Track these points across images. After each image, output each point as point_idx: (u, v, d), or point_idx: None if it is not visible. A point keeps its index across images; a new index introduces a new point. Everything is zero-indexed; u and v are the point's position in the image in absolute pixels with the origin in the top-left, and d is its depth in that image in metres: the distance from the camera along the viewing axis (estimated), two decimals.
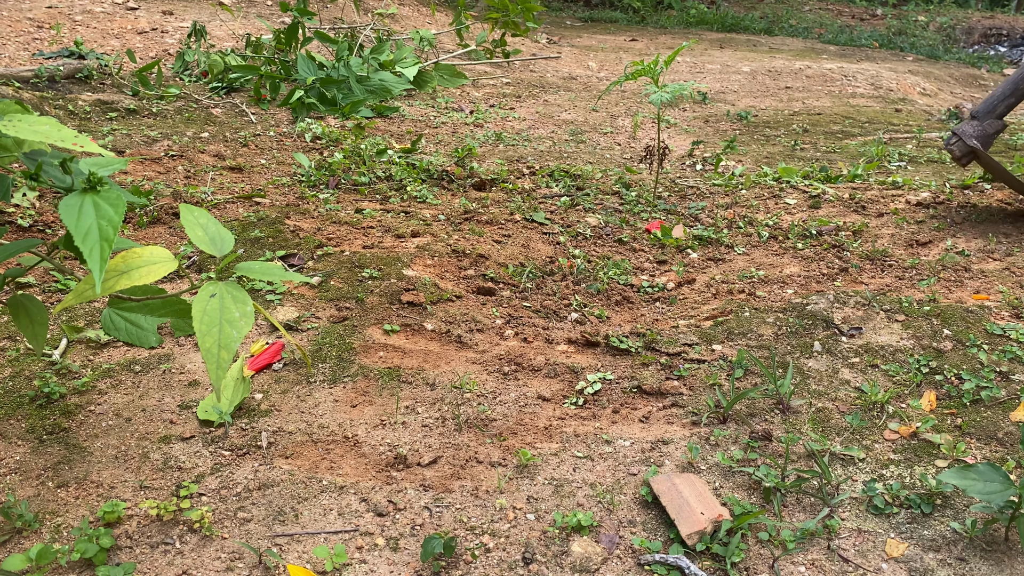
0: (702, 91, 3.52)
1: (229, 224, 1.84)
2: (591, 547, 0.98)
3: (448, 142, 2.90)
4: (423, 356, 1.38)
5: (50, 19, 3.93)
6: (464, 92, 3.79)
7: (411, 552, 0.97)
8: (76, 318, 1.44)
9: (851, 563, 0.97)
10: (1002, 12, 9.46)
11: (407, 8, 5.31)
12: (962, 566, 0.97)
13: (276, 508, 1.03)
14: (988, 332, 1.43)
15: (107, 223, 0.81)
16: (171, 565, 0.93)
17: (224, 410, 1.18)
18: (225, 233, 0.93)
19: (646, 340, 1.43)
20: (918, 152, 3.06)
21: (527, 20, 3.75)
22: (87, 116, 2.75)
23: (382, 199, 2.17)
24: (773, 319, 1.51)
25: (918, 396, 1.29)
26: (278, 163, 2.44)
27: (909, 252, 1.88)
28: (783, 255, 1.89)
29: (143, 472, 1.08)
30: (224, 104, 3.11)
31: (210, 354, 0.82)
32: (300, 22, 3.28)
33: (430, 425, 1.21)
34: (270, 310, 1.49)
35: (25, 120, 0.81)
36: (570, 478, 1.10)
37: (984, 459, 1.13)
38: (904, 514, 1.05)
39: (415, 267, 1.69)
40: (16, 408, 1.19)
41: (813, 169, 2.61)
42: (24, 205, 1.83)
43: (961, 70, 5.98)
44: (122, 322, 1.08)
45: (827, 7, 10.00)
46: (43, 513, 1.00)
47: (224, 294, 0.85)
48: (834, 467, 1.13)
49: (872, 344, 1.42)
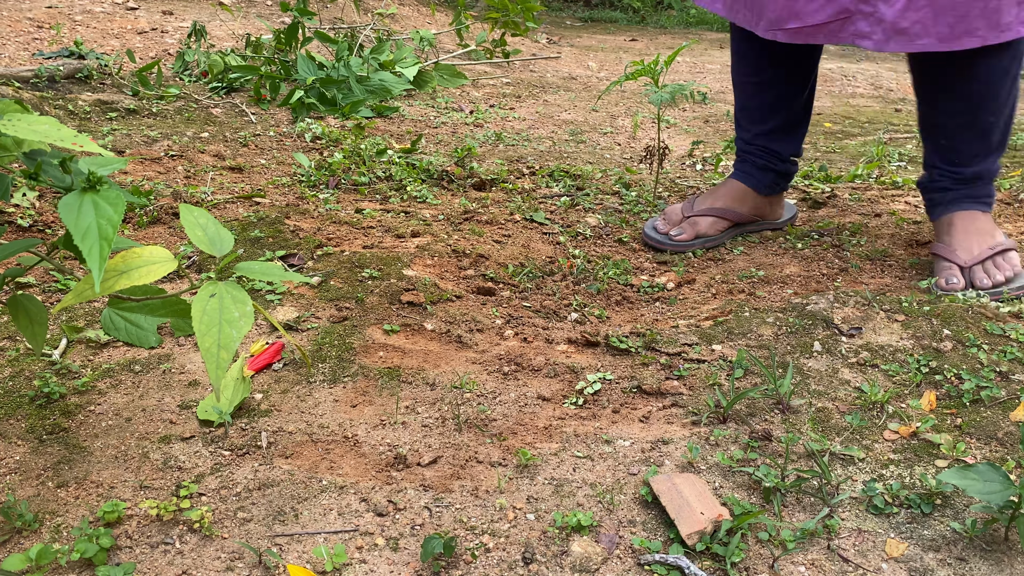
0: (702, 91, 3.52)
1: (229, 224, 1.85)
2: (591, 547, 0.98)
3: (448, 142, 2.90)
4: (423, 356, 1.38)
5: (50, 19, 3.93)
6: (464, 92, 3.79)
7: (411, 552, 0.97)
8: (76, 318, 1.44)
9: (851, 563, 0.97)
10: None
11: (407, 8, 5.31)
12: (962, 566, 0.97)
13: (276, 508, 1.03)
14: (988, 332, 1.43)
15: (107, 222, 0.82)
16: (171, 565, 0.93)
17: (224, 410, 1.18)
18: (225, 233, 0.93)
19: (646, 340, 1.43)
20: (918, 152, 3.06)
21: (527, 20, 3.75)
22: (87, 116, 2.75)
23: (382, 199, 2.17)
24: (773, 319, 1.51)
25: (918, 396, 1.29)
26: (278, 163, 2.44)
27: (909, 252, 1.88)
28: (783, 255, 1.89)
29: (143, 472, 1.08)
30: (224, 104, 3.11)
31: (210, 354, 0.82)
32: (300, 22, 3.28)
33: (430, 425, 1.21)
34: (270, 310, 1.49)
35: (25, 119, 0.81)
36: (570, 478, 1.10)
37: (984, 459, 1.13)
38: (904, 514, 1.05)
39: (415, 267, 1.69)
40: (16, 408, 1.19)
41: (813, 169, 2.61)
42: (24, 205, 1.83)
43: None
44: (122, 322, 1.08)
45: None
46: (43, 513, 1.00)
47: (224, 294, 0.85)
48: (834, 467, 1.13)
49: (872, 344, 1.42)
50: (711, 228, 1.91)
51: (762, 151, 1.89)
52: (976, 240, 1.66)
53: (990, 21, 1.44)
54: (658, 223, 1.93)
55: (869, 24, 1.48)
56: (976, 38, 1.45)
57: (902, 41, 1.47)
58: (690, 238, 1.89)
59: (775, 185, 1.92)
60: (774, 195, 1.95)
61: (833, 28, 1.52)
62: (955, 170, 1.69)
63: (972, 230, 1.68)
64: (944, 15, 1.43)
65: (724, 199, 1.92)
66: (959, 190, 1.71)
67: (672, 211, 1.95)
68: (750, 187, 1.91)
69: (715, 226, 1.92)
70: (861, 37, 1.51)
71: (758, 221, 1.98)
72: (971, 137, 1.65)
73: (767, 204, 1.96)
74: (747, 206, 1.93)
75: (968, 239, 1.67)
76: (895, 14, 1.45)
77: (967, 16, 1.43)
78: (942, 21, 1.43)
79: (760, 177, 1.91)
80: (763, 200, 1.94)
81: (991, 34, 1.45)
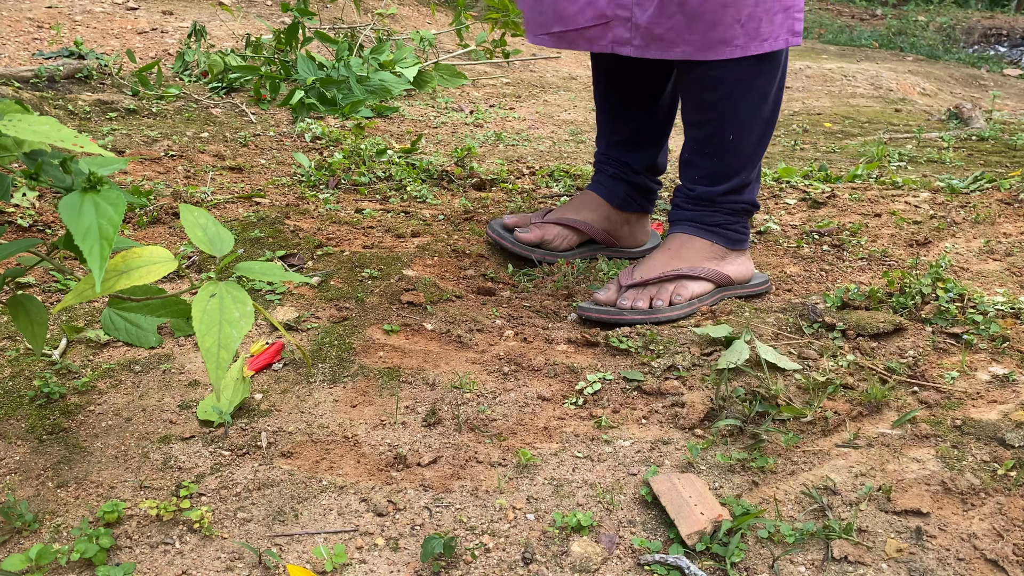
0: None
1: (229, 224, 1.85)
2: (591, 547, 0.98)
3: (448, 142, 2.90)
4: (423, 356, 1.38)
5: (50, 19, 3.93)
6: (464, 92, 3.79)
7: (411, 552, 0.97)
8: (76, 318, 1.44)
9: (851, 563, 0.97)
10: (1002, 12, 9.46)
11: (407, 8, 5.31)
12: (961, 565, 0.97)
13: (276, 508, 1.03)
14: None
15: (107, 222, 0.82)
16: (171, 565, 0.93)
17: (224, 410, 1.18)
18: (225, 233, 0.93)
19: (646, 340, 1.43)
20: (918, 152, 3.06)
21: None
22: (87, 116, 2.75)
23: (382, 199, 2.17)
24: (773, 319, 1.51)
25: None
26: (278, 163, 2.44)
27: (909, 252, 1.88)
28: (783, 255, 1.89)
29: (143, 472, 1.08)
30: (224, 104, 3.11)
31: (210, 353, 0.82)
32: (300, 22, 3.29)
33: (430, 425, 1.21)
34: (270, 310, 1.49)
35: (25, 120, 0.81)
36: (570, 478, 1.10)
37: (984, 458, 1.13)
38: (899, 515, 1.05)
39: (415, 267, 1.69)
40: (16, 408, 1.19)
41: (813, 169, 2.61)
42: (24, 205, 1.83)
43: (961, 70, 5.99)
44: (122, 322, 1.08)
45: (827, 7, 10.00)
46: (43, 513, 1.00)
47: (224, 294, 0.86)
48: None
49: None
50: (558, 238, 1.78)
51: (614, 162, 1.78)
52: (663, 262, 1.55)
53: (747, 31, 1.36)
54: (507, 218, 1.82)
55: (627, 30, 1.41)
56: (733, 48, 1.38)
57: (660, 48, 1.40)
58: (533, 240, 1.76)
59: (630, 199, 1.79)
60: (631, 212, 1.81)
61: (594, 34, 1.44)
62: (689, 187, 1.58)
63: (671, 253, 1.57)
64: (696, 23, 1.36)
65: (575, 209, 1.80)
66: (687, 210, 1.59)
67: (526, 215, 1.83)
68: (603, 197, 1.79)
69: (563, 238, 1.78)
70: (621, 44, 1.43)
71: (615, 246, 1.84)
72: (709, 154, 1.52)
73: (624, 223, 1.82)
74: (600, 219, 1.79)
75: (656, 259, 1.56)
76: (648, 19, 1.38)
77: (720, 24, 1.36)
78: (695, 29, 1.36)
79: (612, 187, 1.78)
80: (619, 217, 1.80)
81: (750, 44, 1.37)
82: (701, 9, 1.35)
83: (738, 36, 1.37)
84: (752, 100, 1.46)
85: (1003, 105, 4.66)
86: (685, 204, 1.59)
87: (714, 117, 1.49)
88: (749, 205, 1.58)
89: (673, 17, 1.36)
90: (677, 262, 1.55)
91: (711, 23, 1.36)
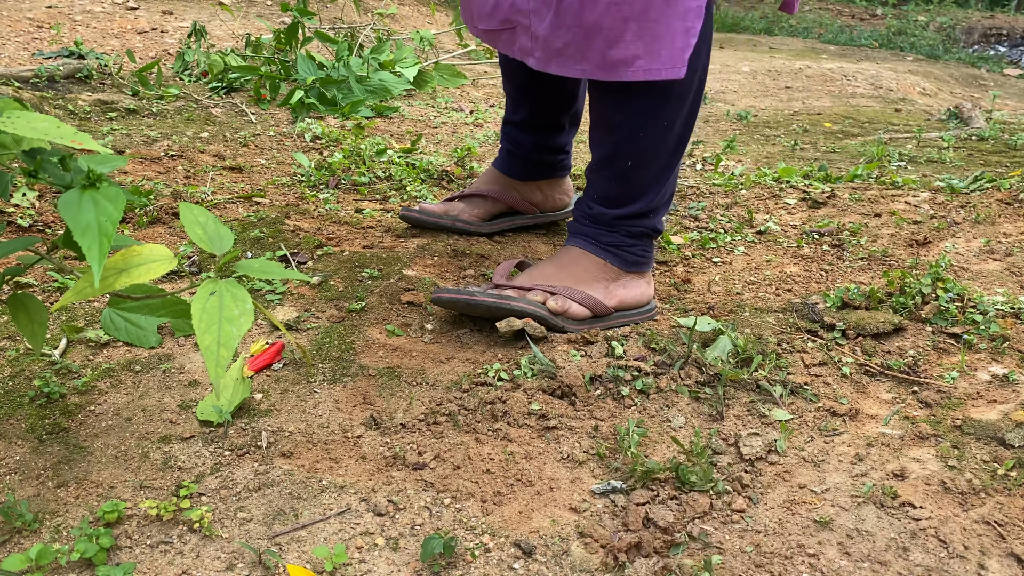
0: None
1: (229, 224, 1.84)
2: (591, 548, 0.98)
3: (448, 142, 2.90)
4: (423, 356, 1.38)
5: (50, 19, 3.93)
6: (464, 92, 3.79)
7: (411, 552, 0.97)
8: (76, 318, 1.44)
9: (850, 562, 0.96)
10: (1002, 12, 9.46)
11: (407, 8, 5.31)
12: (962, 564, 0.97)
13: (276, 508, 1.03)
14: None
15: (106, 219, 0.81)
16: (171, 565, 0.93)
17: (224, 410, 1.18)
18: (224, 231, 0.93)
19: (645, 340, 1.43)
20: (918, 152, 3.06)
21: None
22: (87, 116, 2.75)
23: (382, 199, 2.17)
24: (773, 319, 1.51)
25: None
26: (278, 163, 2.44)
27: (909, 252, 1.88)
28: (783, 255, 1.89)
29: (143, 472, 1.08)
30: (224, 104, 3.11)
31: (209, 352, 0.82)
32: (300, 22, 3.29)
33: (430, 425, 1.21)
34: (270, 310, 1.49)
35: (24, 117, 0.81)
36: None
37: (984, 458, 1.13)
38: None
39: (415, 267, 1.69)
40: (16, 408, 1.19)
41: (813, 169, 2.61)
42: (24, 205, 1.83)
43: (961, 70, 5.99)
44: (122, 322, 1.08)
45: (827, 7, 10.01)
46: (43, 513, 1.00)
47: (224, 292, 0.85)
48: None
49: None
50: (466, 211, 1.85)
51: (508, 138, 1.82)
52: (548, 274, 1.47)
53: (650, 49, 1.24)
54: (424, 203, 1.91)
55: (530, 40, 1.32)
56: (636, 70, 1.25)
57: (560, 64, 1.29)
58: (438, 211, 1.85)
59: (530, 172, 1.83)
60: (538, 180, 1.86)
61: (506, 38, 1.38)
62: (588, 204, 1.50)
63: (559, 266, 1.48)
64: (594, 38, 1.24)
65: (479, 182, 1.89)
66: (584, 226, 1.50)
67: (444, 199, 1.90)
68: (502, 171, 1.86)
69: (471, 209, 1.86)
70: (526, 54, 1.35)
71: (535, 212, 1.90)
72: (609, 177, 1.44)
73: (536, 190, 1.87)
74: (504, 190, 1.85)
75: (542, 270, 1.48)
76: (546, 31, 1.28)
77: (620, 41, 1.23)
78: (595, 46, 1.24)
79: (510, 162, 1.84)
80: (527, 186, 1.86)
81: (652, 67, 1.25)
82: (599, 23, 1.23)
83: (640, 55, 1.24)
84: (658, 127, 1.36)
85: (1003, 105, 4.66)
86: (583, 220, 1.51)
87: (617, 140, 1.40)
88: (650, 230, 1.48)
89: (571, 31, 1.25)
90: (563, 278, 1.45)
91: (610, 40, 1.23)
